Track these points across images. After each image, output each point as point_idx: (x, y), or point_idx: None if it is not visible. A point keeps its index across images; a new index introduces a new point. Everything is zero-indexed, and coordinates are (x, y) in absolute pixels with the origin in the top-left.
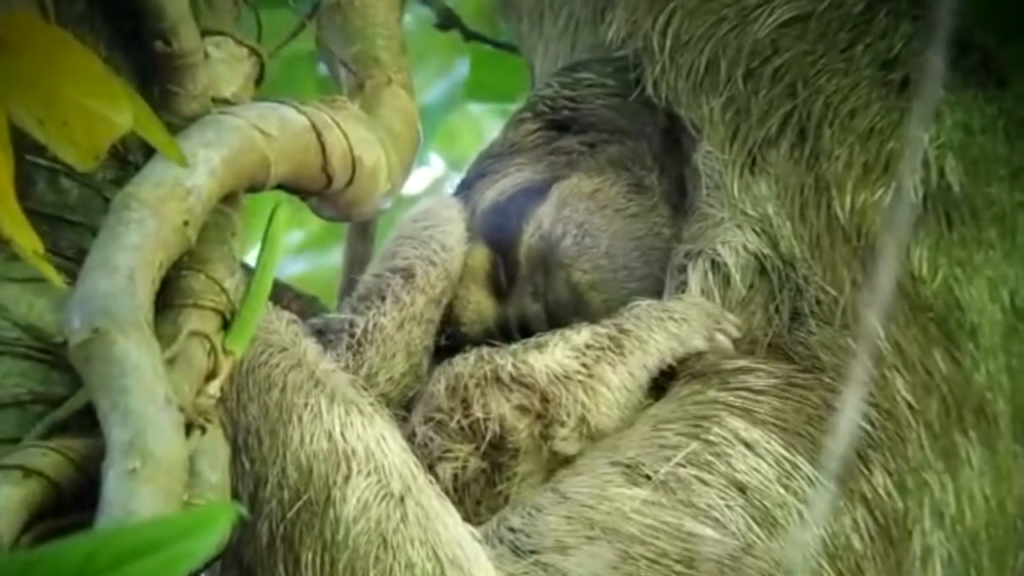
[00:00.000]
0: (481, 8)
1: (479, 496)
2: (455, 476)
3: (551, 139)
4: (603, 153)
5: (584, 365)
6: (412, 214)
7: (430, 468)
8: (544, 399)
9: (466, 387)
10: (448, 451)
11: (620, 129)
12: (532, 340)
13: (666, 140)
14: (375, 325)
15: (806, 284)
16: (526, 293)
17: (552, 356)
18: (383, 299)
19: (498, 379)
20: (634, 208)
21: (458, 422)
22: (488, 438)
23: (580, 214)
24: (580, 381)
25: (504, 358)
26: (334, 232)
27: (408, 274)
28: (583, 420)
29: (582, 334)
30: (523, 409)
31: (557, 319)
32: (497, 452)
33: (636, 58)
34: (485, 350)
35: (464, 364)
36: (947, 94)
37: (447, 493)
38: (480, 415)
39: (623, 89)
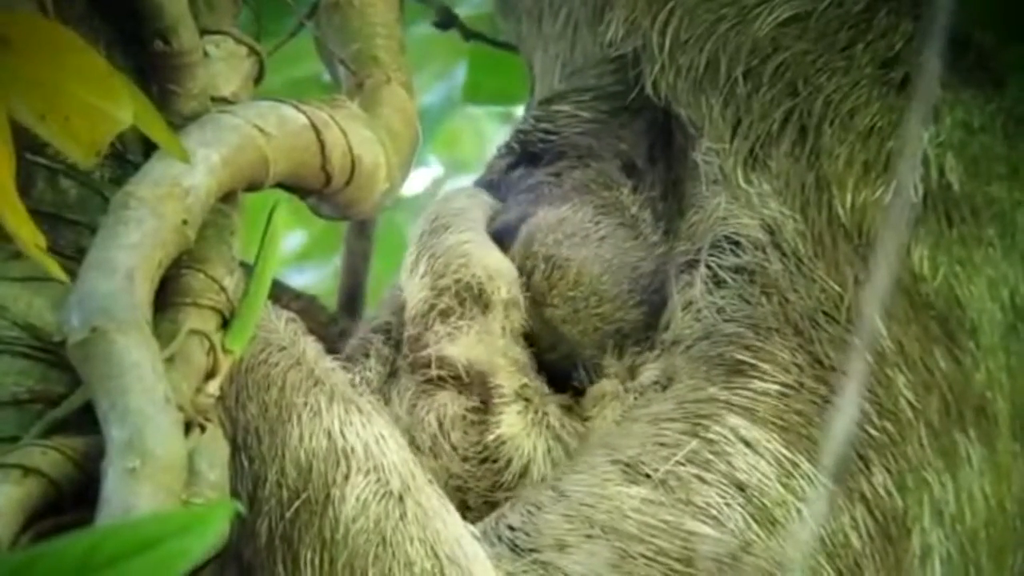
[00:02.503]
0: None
1: (468, 440)
2: (439, 422)
3: (521, 177)
4: (567, 180)
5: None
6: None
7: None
8: (449, 292)
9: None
10: (434, 401)
11: (586, 153)
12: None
13: (653, 149)
14: (362, 379)
15: (811, 281)
16: None
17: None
18: (367, 356)
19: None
20: (602, 230)
21: (430, 377)
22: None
23: (547, 247)
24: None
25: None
26: (334, 238)
27: (386, 330)
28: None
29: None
30: (446, 311)
31: (546, 361)
32: (479, 383)
33: (635, 57)
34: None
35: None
36: (946, 93)
37: (434, 442)
38: (431, 349)
39: (600, 116)
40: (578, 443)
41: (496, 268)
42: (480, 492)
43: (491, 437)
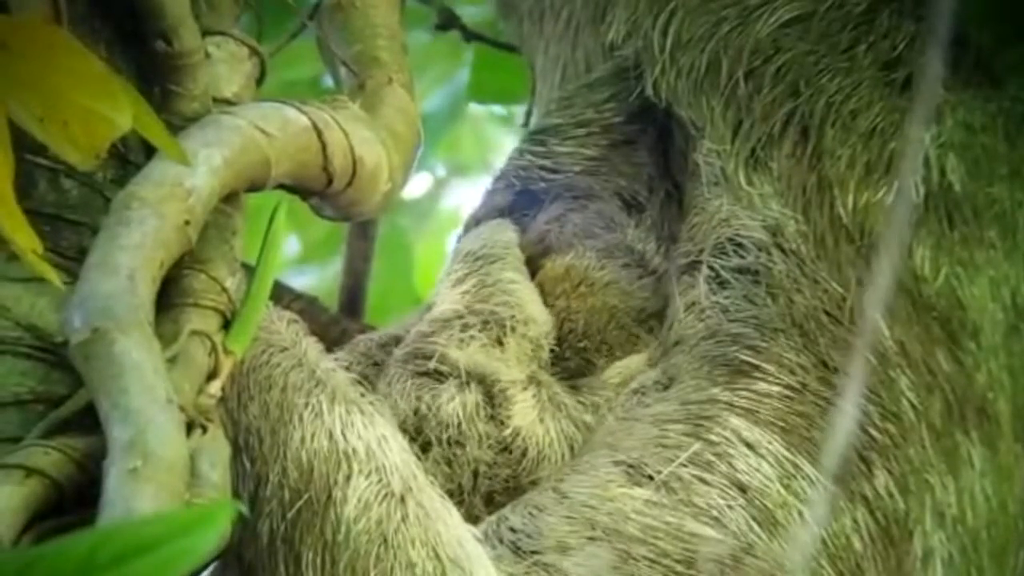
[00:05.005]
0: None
1: (490, 430)
2: (463, 411)
3: (523, 223)
4: (569, 225)
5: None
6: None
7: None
8: (481, 315)
9: (411, 354)
10: (442, 392)
11: (583, 194)
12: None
13: (654, 177)
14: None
15: (813, 282)
16: None
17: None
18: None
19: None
20: (607, 275)
21: (426, 370)
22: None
23: (559, 300)
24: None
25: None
26: (335, 240)
27: (364, 349)
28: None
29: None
30: (467, 325)
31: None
32: (477, 380)
33: (636, 58)
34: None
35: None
36: (947, 94)
37: (460, 431)
38: (439, 348)
39: (601, 152)
40: (592, 417)
41: (534, 316)
42: (504, 478)
43: (508, 431)
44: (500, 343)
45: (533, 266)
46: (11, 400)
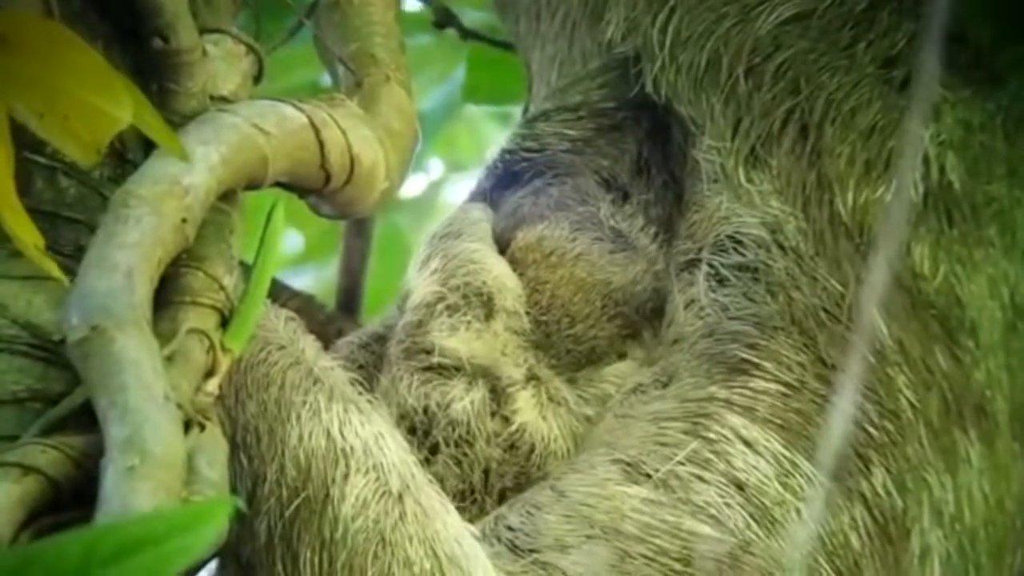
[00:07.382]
0: (480, 7)
1: (496, 427)
2: (467, 413)
3: (503, 199)
4: (544, 198)
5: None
6: None
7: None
8: (458, 291)
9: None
10: (451, 390)
11: (564, 171)
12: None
13: (641, 159)
14: None
15: (812, 280)
16: None
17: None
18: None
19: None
20: (578, 247)
21: (430, 365)
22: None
23: (529, 270)
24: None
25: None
26: (333, 238)
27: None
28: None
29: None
30: (453, 307)
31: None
32: (482, 375)
33: (635, 55)
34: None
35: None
36: (946, 92)
37: (469, 430)
38: (435, 340)
39: (586, 134)
40: (592, 410)
41: (504, 281)
42: (514, 475)
43: (513, 427)
44: (488, 319)
45: (507, 238)
46: (8, 398)
